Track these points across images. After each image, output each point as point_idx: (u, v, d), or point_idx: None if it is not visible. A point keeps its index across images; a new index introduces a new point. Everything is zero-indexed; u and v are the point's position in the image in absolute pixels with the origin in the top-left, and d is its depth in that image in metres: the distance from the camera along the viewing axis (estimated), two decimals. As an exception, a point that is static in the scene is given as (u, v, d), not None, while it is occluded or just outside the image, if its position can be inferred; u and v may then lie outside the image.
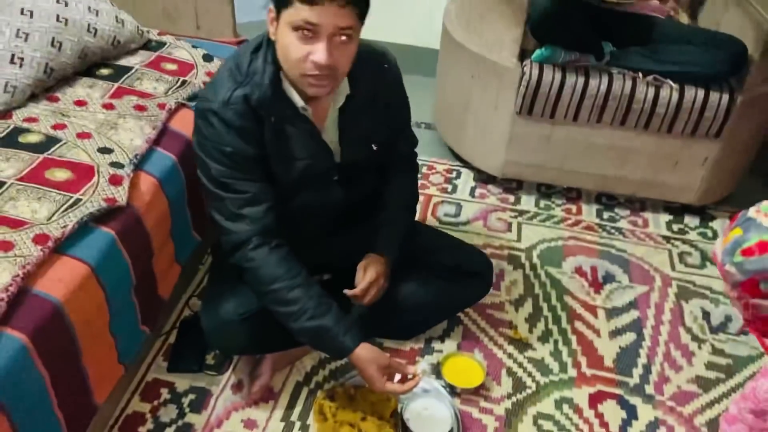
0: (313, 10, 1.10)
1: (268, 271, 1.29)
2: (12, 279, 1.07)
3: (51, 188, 1.28)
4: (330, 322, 1.29)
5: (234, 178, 1.27)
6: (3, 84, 1.47)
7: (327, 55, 1.14)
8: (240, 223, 1.28)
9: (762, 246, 0.96)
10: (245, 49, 1.28)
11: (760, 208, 1.01)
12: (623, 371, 1.62)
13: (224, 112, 1.23)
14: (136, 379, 1.51)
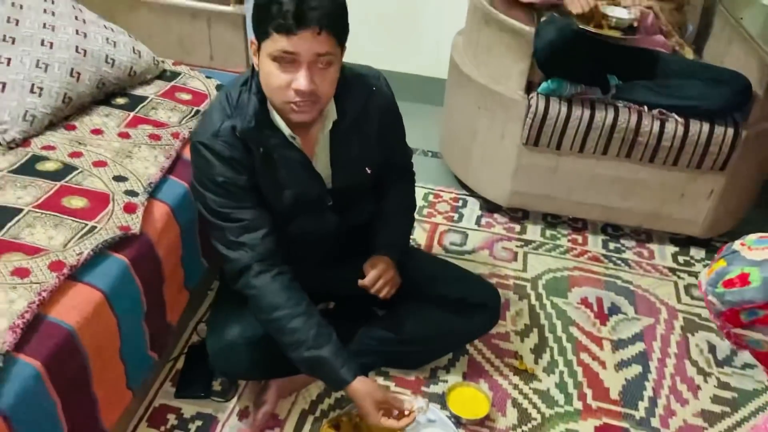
0: (290, 39, 1.13)
1: (269, 300, 1.31)
2: (28, 306, 1.09)
3: (67, 216, 1.31)
4: (328, 354, 1.30)
5: (229, 207, 1.29)
6: (23, 113, 1.51)
7: (308, 81, 1.16)
8: (240, 251, 1.30)
9: (742, 278, 0.98)
10: (236, 82, 1.32)
11: (745, 241, 1.03)
12: (629, 404, 1.62)
13: (213, 144, 1.26)
14: (143, 404, 1.52)
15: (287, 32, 1.12)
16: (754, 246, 1.00)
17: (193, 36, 2.03)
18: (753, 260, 0.97)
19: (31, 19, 1.64)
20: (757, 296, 0.96)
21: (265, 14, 1.14)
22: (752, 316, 0.98)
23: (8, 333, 1.04)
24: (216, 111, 1.29)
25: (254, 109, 1.26)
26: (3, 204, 1.31)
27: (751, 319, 0.99)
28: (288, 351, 1.32)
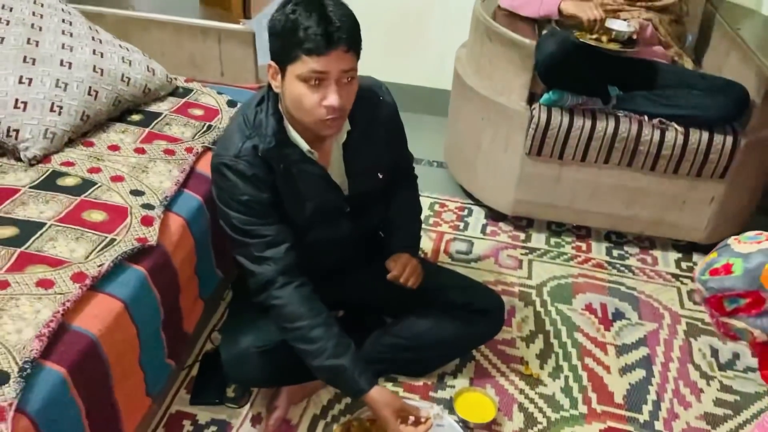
0: (320, 60, 1.19)
1: (292, 310, 1.36)
2: (53, 315, 1.15)
3: (88, 229, 1.36)
4: (347, 363, 1.35)
5: (254, 225, 1.35)
6: (43, 131, 1.57)
7: (338, 98, 1.23)
8: (264, 265, 1.36)
9: (726, 267, 1.05)
10: (250, 103, 1.38)
11: (740, 236, 1.11)
12: (633, 408, 1.65)
13: (236, 164, 1.31)
14: (160, 411, 1.57)
15: (318, 54, 1.18)
16: (745, 240, 1.08)
17: (204, 53, 2.09)
18: (739, 252, 1.06)
19: (50, 40, 1.71)
20: (737, 284, 1.03)
21: (291, 38, 1.19)
22: (734, 304, 1.05)
23: (35, 341, 1.09)
24: (235, 132, 1.34)
25: (273, 129, 1.32)
26: (26, 218, 1.37)
27: (734, 307, 1.06)
28: (308, 359, 1.37)
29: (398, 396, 1.40)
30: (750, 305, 1.04)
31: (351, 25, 1.22)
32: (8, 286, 1.19)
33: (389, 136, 1.50)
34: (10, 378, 1.03)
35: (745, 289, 1.03)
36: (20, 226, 1.34)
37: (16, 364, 1.06)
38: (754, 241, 1.07)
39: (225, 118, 1.85)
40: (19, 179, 1.50)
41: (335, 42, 1.18)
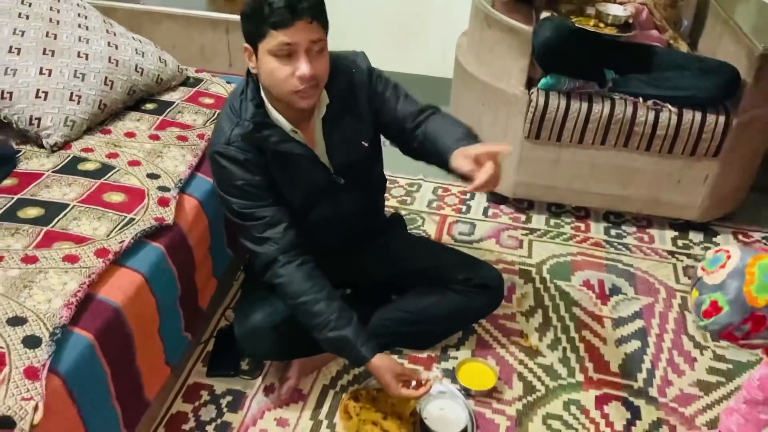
0: (287, 32, 1.26)
1: (295, 287, 1.44)
2: (79, 286, 1.23)
3: (108, 209, 1.45)
4: (349, 334, 1.43)
5: (251, 208, 1.42)
6: (63, 119, 1.66)
7: (308, 66, 1.29)
8: (265, 245, 1.44)
9: (714, 305, 1.09)
10: (235, 93, 1.45)
11: (703, 264, 1.15)
12: (628, 376, 1.73)
13: (228, 151, 1.39)
14: (178, 382, 1.66)
15: (284, 26, 1.25)
16: (710, 268, 1.12)
17: (214, 45, 2.17)
18: (714, 284, 1.09)
19: (67, 33, 1.79)
20: (733, 318, 1.08)
21: (258, 16, 1.27)
22: (742, 331, 1.09)
23: (64, 309, 1.18)
24: (225, 121, 1.42)
25: (251, 113, 1.39)
26: (51, 200, 1.46)
27: (745, 333, 1.10)
28: (314, 332, 1.45)
29: (398, 362, 1.47)
30: (755, 327, 1.08)
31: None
32: (37, 261, 1.28)
33: (372, 101, 1.52)
34: (42, 342, 1.12)
35: (742, 319, 1.07)
36: (45, 206, 1.43)
37: (47, 329, 1.14)
38: (718, 266, 1.10)
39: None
40: (42, 164, 1.59)
41: (299, 13, 1.25)
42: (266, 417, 1.58)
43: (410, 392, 1.45)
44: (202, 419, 1.57)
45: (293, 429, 1.56)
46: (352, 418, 1.55)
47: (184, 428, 1.55)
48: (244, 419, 1.58)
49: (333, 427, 1.57)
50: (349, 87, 1.48)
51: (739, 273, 1.08)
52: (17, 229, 1.36)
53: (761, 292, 1.05)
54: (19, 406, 1.03)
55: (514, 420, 1.60)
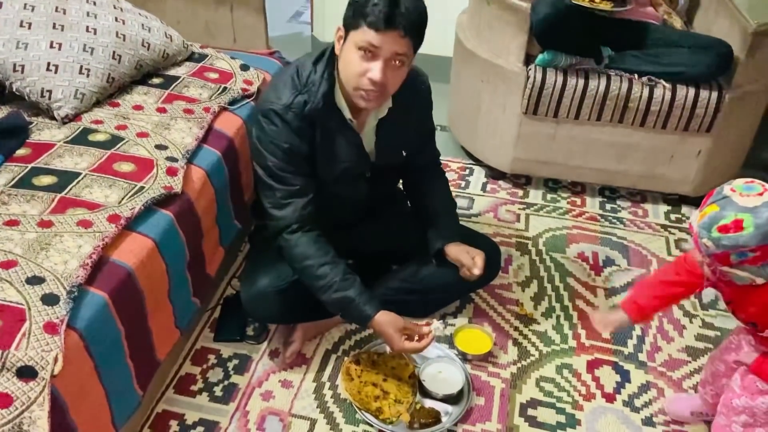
0: (378, 35, 1.32)
1: (300, 250, 1.50)
2: (94, 249, 1.29)
3: (119, 178, 1.51)
4: (353, 294, 1.49)
5: (287, 172, 1.48)
6: (74, 91, 1.71)
7: (381, 74, 1.35)
8: (285, 210, 1.50)
9: (737, 224, 1.09)
10: (307, 59, 1.50)
11: (734, 186, 1.14)
12: (619, 342, 1.79)
13: (285, 114, 1.45)
14: (186, 346, 1.72)
15: (376, 29, 1.31)
16: (744, 192, 1.11)
17: (218, 21, 2.21)
18: (745, 206, 1.09)
19: (75, 8, 1.83)
20: (751, 241, 1.09)
21: (360, 8, 1.32)
22: (742, 257, 1.12)
23: (80, 270, 1.24)
24: (287, 86, 1.46)
25: (324, 91, 1.45)
26: (64, 169, 1.51)
27: (741, 260, 1.13)
28: (319, 294, 1.51)
29: (401, 317, 1.53)
30: (758, 258, 1.11)
31: (416, 16, 1.33)
32: (52, 225, 1.34)
33: (420, 114, 1.66)
34: (60, 299, 1.18)
35: (757, 245, 1.09)
36: (58, 175, 1.49)
37: (64, 288, 1.20)
38: (755, 193, 1.11)
39: (239, 80, 1.98)
40: (53, 135, 1.64)
41: (394, 23, 1.30)
42: (271, 379, 1.65)
43: (413, 345, 1.51)
44: (210, 381, 1.64)
45: (297, 390, 1.63)
46: (354, 379, 1.62)
47: (193, 389, 1.62)
48: (250, 381, 1.64)
49: (335, 389, 1.64)
50: (413, 101, 1.57)
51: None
52: (32, 196, 1.41)
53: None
54: (40, 356, 1.09)
55: (509, 382, 1.67)
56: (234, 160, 1.78)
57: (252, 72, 2.03)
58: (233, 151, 1.78)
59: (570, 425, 1.57)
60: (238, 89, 1.93)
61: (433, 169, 1.81)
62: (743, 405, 1.33)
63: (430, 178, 1.79)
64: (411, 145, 1.66)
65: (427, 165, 1.78)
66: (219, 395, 1.60)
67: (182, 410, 1.56)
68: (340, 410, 1.58)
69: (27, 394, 1.06)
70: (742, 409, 1.33)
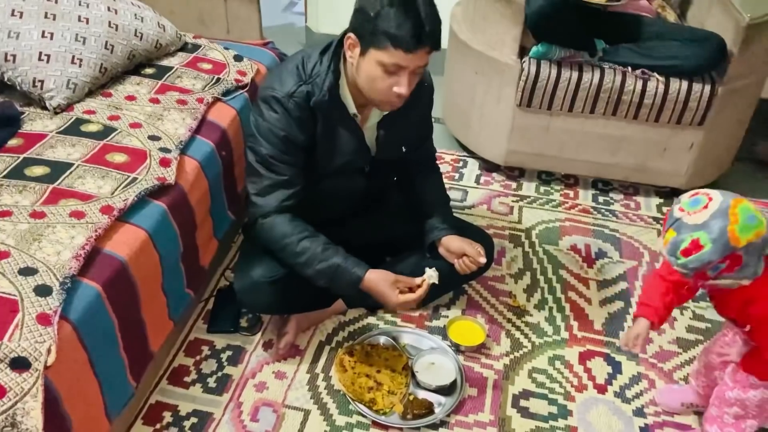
0: (406, 56, 1.31)
1: (277, 230, 1.49)
2: (86, 240, 1.29)
3: (112, 169, 1.50)
4: (339, 260, 1.48)
5: (277, 160, 1.47)
6: (66, 81, 1.70)
7: (409, 89, 1.37)
8: (267, 199, 1.49)
9: (695, 244, 1.13)
10: (313, 50, 1.48)
11: (681, 205, 1.17)
12: (611, 333, 1.81)
13: (287, 102, 1.44)
14: (180, 338, 1.72)
15: (406, 51, 1.30)
16: (691, 209, 1.14)
17: (211, 11, 2.20)
18: (696, 224, 1.13)
19: (67, -3, 1.82)
20: (713, 255, 1.13)
21: (382, 25, 1.29)
22: (716, 270, 1.16)
23: (73, 261, 1.24)
24: (291, 74, 1.46)
25: (329, 84, 1.44)
26: (56, 159, 1.50)
27: (717, 272, 1.16)
28: (304, 270, 1.49)
29: (390, 272, 1.50)
30: (730, 266, 1.14)
31: (438, 27, 1.34)
32: (45, 216, 1.33)
33: (421, 111, 1.65)
34: (53, 291, 1.18)
35: (721, 257, 1.12)
36: (51, 165, 1.48)
37: (57, 279, 1.20)
38: (701, 207, 1.14)
39: (232, 71, 1.97)
40: (46, 126, 1.63)
41: (423, 42, 1.31)
42: (265, 370, 1.66)
43: (408, 296, 1.48)
44: (204, 372, 1.64)
45: (290, 381, 1.63)
46: (347, 371, 1.62)
47: (186, 380, 1.62)
48: (244, 372, 1.65)
49: (329, 380, 1.64)
50: (416, 99, 1.55)
51: (723, 214, 1.11)
52: (24, 187, 1.41)
53: (744, 233, 1.11)
54: (34, 348, 1.09)
55: (501, 374, 1.68)
56: (228, 152, 1.78)
57: (245, 63, 2.02)
58: (227, 142, 1.77)
59: (562, 416, 1.58)
60: (232, 80, 1.92)
61: (428, 164, 1.81)
62: (735, 397, 1.35)
63: (425, 172, 1.79)
64: (411, 141, 1.66)
65: (422, 163, 1.78)
66: (212, 386, 1.61)
67: (176, 401, 1.57)
68: (334, 401, 1.59)
69: (20, 386, 1.06)
70: (734, 401, 1.35)
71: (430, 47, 1.33)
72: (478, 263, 1.64)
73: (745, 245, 1.12)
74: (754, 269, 1.16)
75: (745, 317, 1.27)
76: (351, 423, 1.54)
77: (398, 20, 1.28)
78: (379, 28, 1.30)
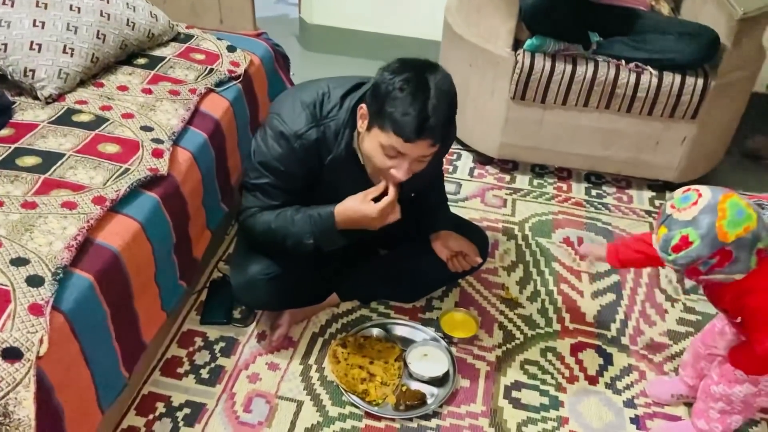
0: (405, 144, 1.28)
1: (262, 220, 1.49)
2: (78, 230, 1.28)
3: (104, 159, 1.49)
4: (310, 210, 1.46)
5: (274, 187, 1.47)
6: (57, 71, 1.68)
7: (405, 174, 1.34)
8: (253, 197, 1.50)
9: (684, 240, 1.14)
10: (337, 89, 1.44)
11: (673, 202, 1.19)
12: (602, 326, 1.82)
13: (293, 141, 1.41)
14: (173, 329, 1.72)
15: (405, 139, 1.27)
16: (681, 206, 1.16)
17: (204, 1, 2.19)
18: (686, 221, 1.14)
19: (58, -15, 1.80)
20: (703, 251, 1.14)
21: (388, 112, 1.27)
22: (707, 265, 1.17)
23: (65, 251, 1.23)
24: (305, 110, 1.42)
25: (347, 141, 1.42)
26: (48, 149, 1.49)
27: (708, 268, 1.17)
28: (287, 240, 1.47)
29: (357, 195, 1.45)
30: (720, 261, 1.15)
31: (445, 122, 1.29)
32: (36, 207, 1.33)
33: (434, 165, 1.57)
34: (45, 281, 1.17)
35: (711, 252, 1.14)
36: (42, 156, 1.47)
37: (49, 270, 1.20)
38: (690, 203, 1.15)
39: (225, 62, 1.95)
40: (37, 116, 1.62)
41: (424, 135, 1.27)
42: (258, 362, 1.66)
43: (382, 202, 1.42)
44: (197, 363, 1.64)
45: (284, 372, 1.64)
46: (340, 362, 1.63)
47: (179, 371, 1.62)
48: (237, 363, 1.65)
49: (322, 371, 1.64)
50: None
51: (711, 209, 1.12)
52: (16, 177, 1.40)
53: (732, 228, 1.11)
54: (26, 338, 1.09)
55: (494, 365, 1.69)
56: (221, 143, 1.77)
57: (239, 53, 2.01)
58: (220, 133, 1.77)
59: (553, 407, 1.59)
60: (225, 71, 1.91)
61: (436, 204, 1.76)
62: (720, 392, 1.36)
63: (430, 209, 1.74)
64: (419, 187, 1.61)
65: (432, 204, 1.73)
66: (205, 377, 1.61)
67: (169, 392, 1.57)
68: (327, 392, 1.59)
69: (12, 376, 1.05)
70: (720, 396, 1.36)
71: (432, 140, 1.29)
72: (474, 263, 1.63)
73: (734, 240, 1.12)
74: (745, 264, 1.16)
75: (737, 309, 1.27)
76: (344, 414, 1.54)
77: (404, 107, 1.25)
78: (385, 110, 1.27)
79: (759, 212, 1.15)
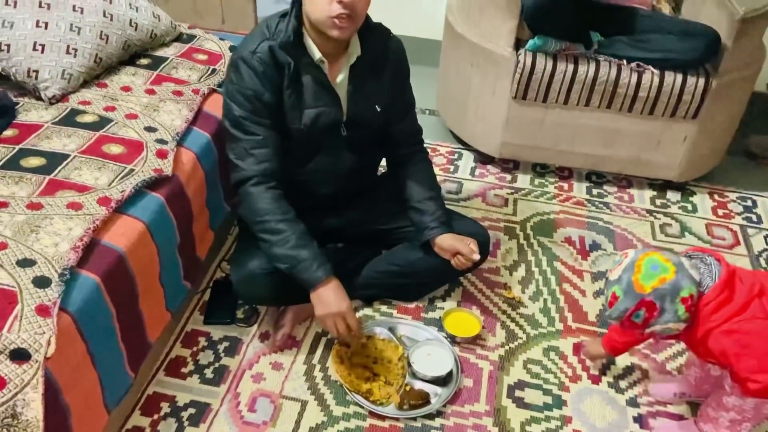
0: None
1: (261, 205, 1.49)
2: (84, 231, 1.29)
3: (108, 160, 1.50)
4: (307, 254, 1.47)
5: (249, 120, 1.48)
6: (60, 72, 1.68)
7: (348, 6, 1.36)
8: (248, 161, 1.49)
9: (613, 296, 1.28)
10: (276, 15, 1.51)
11: (610, 266, 1.33)
12: (605, 325, 1.82)
13: (250, 59, 1.45)
14: (177, 329, 1.73)
15: None
16: (612, 267, 1.32)
17: (206, 1, 2.19)
18: (612, 280, 1.30)
19: (61, -14, 1.80)
20: (627, 304, 1.26)
21: None
22: (639, 317, 1.26)
23: (71, 252, 1.24)
24: (256, 34, 1.49)
25: (293, 28, 1.46)
26: (52, 150, 1.50)
27: (642, 320, 1.26)
28: (272, 248, 1.48)
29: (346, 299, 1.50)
30: (649, 312, 1.24)
31: None
32: (42, 207, 1.33)
33: (394, 75, 1.62)
34: (52, 282, 1.18)
35: (634, 304, 1.24)
36: (47, 157, 1.48)
37: (55, 271, 1.20)
38: (617, 265, 1.29)
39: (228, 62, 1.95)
40: (41, 116, 1.62)
41: None
42: (262, 361, 1.66)
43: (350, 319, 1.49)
44: (201, 363, 1.65)
45: (288, 372, 1.64)
46: (344, 362, 1.63)
47: (184, 371, 1.62)
48: (241, 363, 1.65)
49: (325, 371, 1.65)
50: (382, 51, 1.56)
51: (630, 266, 1.26)
52: (21, 178, 1.40)
53: (646, 280, 1.23)
54: (33, 339, 1.09)
55: (497, 365, 1.69)
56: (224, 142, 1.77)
57: (241, 54, 2.01)
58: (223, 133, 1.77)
59: (556, 406, 1.60)
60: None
61: (416, 149, 1.76)
62: (733, 403, 1.37)
63: (415, 160, 1.75)
64: (384, 99, 1.62)
65: (408, 140, 1.74)
66: (210, 377, 1.61)
67: (173, 392, 1.57)
68: (331, 392, 1.60)
69: (20, 377, 1.06)
70: (732, 406, 1.37)
71: None
72: (471, 260, 1.65)
73: (651, 291, 1.22)
74: (672, 314, 1.23)
75: (709, 355, 1.31)
76: (348, 413, 1.55)
77: None
78: None
79: (680, 264, 1.24)
